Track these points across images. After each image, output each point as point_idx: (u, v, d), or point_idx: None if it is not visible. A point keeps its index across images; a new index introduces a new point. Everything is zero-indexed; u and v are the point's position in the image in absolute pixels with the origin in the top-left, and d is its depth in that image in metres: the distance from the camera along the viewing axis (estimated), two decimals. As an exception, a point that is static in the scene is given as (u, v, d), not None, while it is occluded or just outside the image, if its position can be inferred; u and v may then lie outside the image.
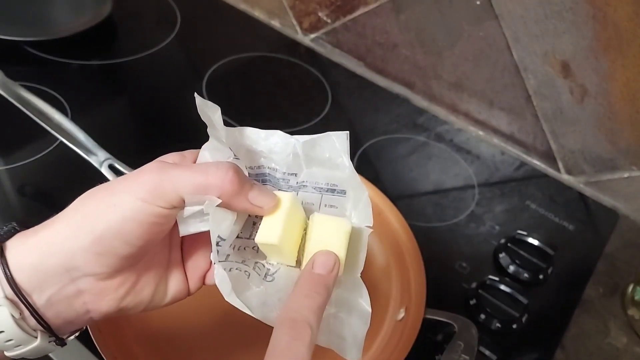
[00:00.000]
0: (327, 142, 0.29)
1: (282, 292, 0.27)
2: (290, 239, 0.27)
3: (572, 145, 0.61)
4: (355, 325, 0.27)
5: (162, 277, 0.29)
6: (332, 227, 0.27)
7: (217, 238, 0.26)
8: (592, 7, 0.52)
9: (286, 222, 0.27)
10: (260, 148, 0.29)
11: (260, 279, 0.28)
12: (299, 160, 0.29)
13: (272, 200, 0.27)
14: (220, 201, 0.25)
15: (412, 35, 0.65)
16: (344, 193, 0.29)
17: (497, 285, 0.46)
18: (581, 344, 0.47)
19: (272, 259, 0.29)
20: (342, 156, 0.29)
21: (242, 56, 0.69)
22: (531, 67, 0.59)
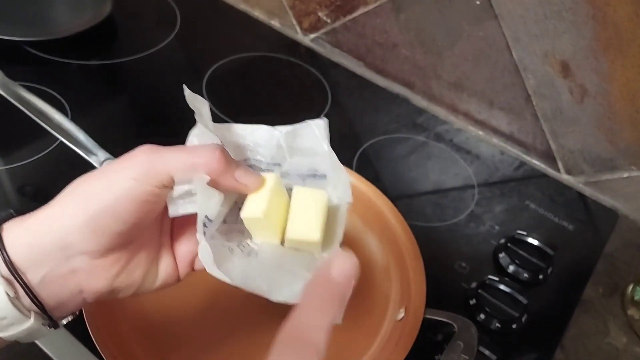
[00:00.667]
0: (307, 131, 0.31)
1: (265, 267, 0.29)
2: (274, 215, 0.29)
3: (571, 145, 0.61)
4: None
5: (153, 260, 0.30)
6: (311, 197, 0.29)
7: (205, 219, 0.27)
8: (591, 7, 0.52)
9: (271, 199, 0.28)
10: (246, 142, 0.31)
11: (243, 255, 0.29)
12: (283, 151, 0.31)
13: (258, 179, 0.29)
14: (209, 178, 0.27)
15: (412, 35, 0.65)
16: (325, 177, 0.31)
17: (496, 285, 0.46)
18: (581, 344, 0.47)
19: (258, 238, 0.30)
20: (321, 143, 0.30)
21: (242, 56, 0.69)
22: (531, 67, 0.59)
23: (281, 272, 0.28)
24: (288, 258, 0.30)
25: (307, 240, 0.29)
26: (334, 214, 0.30)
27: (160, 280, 0.30)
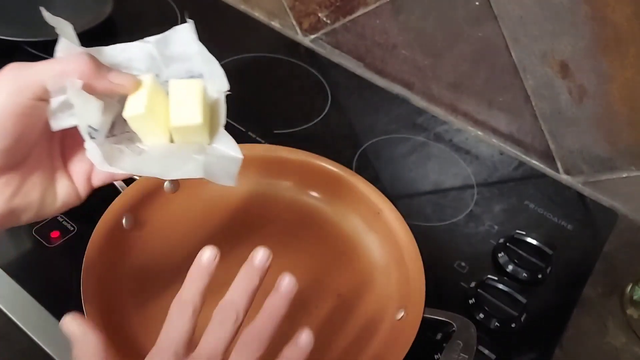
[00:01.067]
0: (176, 37, 0.31)
1: (156, 162, 0.30)
2: (157, 112, 0.29)
3: (570, 145, 0.61)
4: (227, 165, 0.30)
5: (49, 181, 0.31)
6: (187, 86, 0.30)
7: (89, 128, 0.28)
8: (590, 8, 0.52)
9: (150, 96, 0.29)
10: (119, 60, 0.31)
11: (134, 155, 0.30)
12: (157, 62, 0.31)
13: (133, 78, 0.29)
14: (82, 82, 0.27)
15: (412, 36, 0.65)
16: (202, 75, 0.32)
17: (496, 285, 0.46)
18: (580, 344, 0.48)
19: (147, 139, 0.31)
20: (191, 44, 0.31)
21: (242, 57, 0.69)
22: (530, 67, 0.59)
23: (172, 158, 0.30)
24: (178, 148, 0.31)
25: (190, 124, 0.29)
26: (215, 106, 0.31)
27: (61, 200, 0.31)
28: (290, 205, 0.50)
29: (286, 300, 0.30)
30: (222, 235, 0.47)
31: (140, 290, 0.42)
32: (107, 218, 0.42)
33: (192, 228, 0.47)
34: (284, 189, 0.51)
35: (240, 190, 0.50)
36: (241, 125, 0.60)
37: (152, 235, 0.45)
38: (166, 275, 0.43)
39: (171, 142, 0.31)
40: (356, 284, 0.46)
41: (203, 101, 0.30)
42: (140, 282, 0.42)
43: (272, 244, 0.47)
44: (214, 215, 0.48)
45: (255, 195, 0.50)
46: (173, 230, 0.46)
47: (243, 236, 0.47)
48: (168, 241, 0.45)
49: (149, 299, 0.41)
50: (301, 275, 0.45)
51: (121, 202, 0.44)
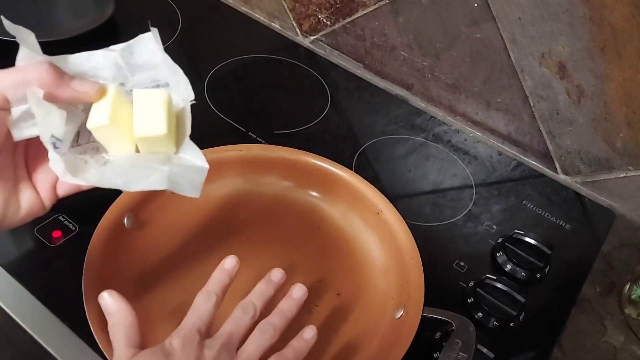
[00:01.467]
0: (141, 46, 0.31)
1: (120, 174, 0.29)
2: (122, 123, 0.29)
3: (568, 146, 0.62)
4: (192, 176, 0.30)
5: (12, 191, 0.30)
6: (150, 96, 0.29)
7: (52, 138, 0.27)
8: (588, 9, 0.52)
9: (114, 106, 0.28)
10: (84, 69, 0.30)
11: (98, 165, 0.30)
12: (123, 71, 0.31)
13: (96, 85, 0.29)
14: (43, 92, 0.27)
15: (411, 37, 0.66)
16: (167, 85, 0.31)
17: (494, 284, 0.46)
18: (578, 342, 0.48)
19: (112, 149, 0.30)
20: (156, 53, 0.31)
21: (242, 58, 0.70)
22: (528, 68, 0.59)
23: (136, 169, 0.29)
24: (143, 159, 0.30)
25: (154, 134, 0.29)
26: (182, 116, 0.31)
27: (25, 210, 0.30)
28: (290, 205, 0.51)
29: (297, 304, 0.36)
30: (223, 235, 0.47)
31: (141, 289, 0.42)
32: (108, 218, 0.43)
33: (192, 228, 0.47)
34: (284, 189, 0.51)
35: (240, 191, 0.51)
36: (241, 125, 0.60)
37: (153, 234, 0.45)
38: (167, 274, 0.43)
39: (137, 152, 0.31)
40: (356, 284, 0.46)
41: (168, 111, 0.29)
42: (141, 281, 0.42)
43: (272, 243, 0.48)
44: (214, 215, 0.48)
45: (255, 195, 0.51)
46: (174, 229, 0.46)
47: (243, 236, 0.48)
48: (169, 241, 0.46)
49: (150, 298, 0.41)
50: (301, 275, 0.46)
51: (122, 202, 0.44)
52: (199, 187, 0.30)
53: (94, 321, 0.36)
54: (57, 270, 0.43)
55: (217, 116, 0.60)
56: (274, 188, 0.51)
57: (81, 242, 0.41)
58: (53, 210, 0.46)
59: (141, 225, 0.45)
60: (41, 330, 0.40)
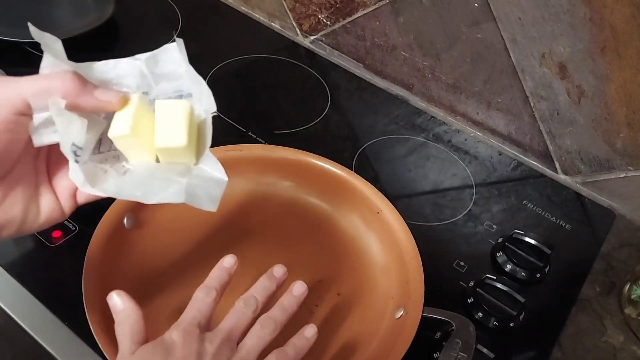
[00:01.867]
0: (166, 56, 0.31)
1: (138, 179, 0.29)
2: (144, 133, 0.29)
3: (568, 146, 0.62)
4: (211, 188, 0.30)
5: (32, 197, 0.30)
6: (173, 107, 0.30)
7: (73, 147, 0.28)
8: (589, 9, 0.52)
9: (136, 116, 0.29)
10: (110, 77, 0.31)
11: (118, 175, 0.30)
12: (147, 79, 0.31)
13: (119, 94, 0.29)
14: (65, 102, 0.27)
15: (411, 37, 0.66)
16: (190, 95, 0.31)
17: (494, 284, 0.46)
18: (578, 342, 0.48)
19: (132, 158, 0.30)
20: (181, 64, 0.31)
21: (242, 58, 0.70)
22: (528, 68, 0.59)
23: (155, 180, 0.29)
24: (162, 169, 0.30)
25: (175, 145, 0.29)
26: (203, 127, 0.31)
27: (44, 216, 0.30)
28: (290, 205, 0.51)
29: (298, 300, 0.36)
30: (223, 234, 0.47)
31: (141, 289, 0.42)
32: (108, 218, 0.43)
33: (192, 228, 0.47)
34: (284, 189, 0.51)
35: (241, 191, 0.51)
36: (241, 125, 0.60)
37: (153, 234, 0.45)
38: (167, 274, 0.43)
39: (157, 162, 0.31)
40: (356, 283, 0.46)
41: (189, 122, 0.30)
42: (141, 281, 0.42)
43: (272, 243, 0.48)
44: (214, 215, 0.48)
45: (256, 195, 0.51)
46: (174, 229, 0.46)
47: (243, 236, 0.48)
48: (169, 241, 0.46)
49: (149, 298, 0.42)
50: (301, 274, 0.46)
51: (122, 202, 0.44)
52: (216, 200, 0.29)
53: (94, 321, 0.36)
54: (57, 270, 0.43)
55: (217, 116, 0.60)
56: (274, 188, 0.51)
57: (81, 242, 0.41)
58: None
59: (141, 225, 0.45)
60: (41, 330, 0.40)
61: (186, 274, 0.44)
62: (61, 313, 0.40)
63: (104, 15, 0.66)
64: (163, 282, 0.43)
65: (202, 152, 0.31)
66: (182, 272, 0.44)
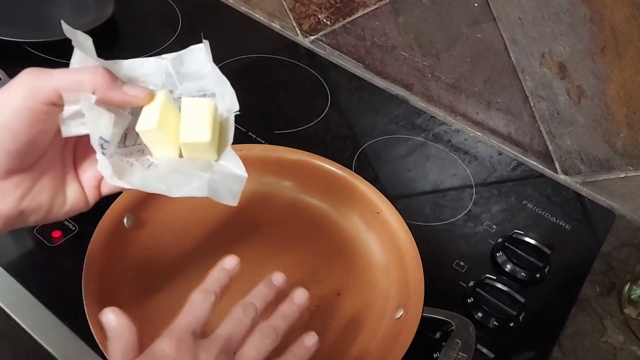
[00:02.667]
0: (192, 56, 0.32)
1: (163, 173, 0.31)
2: (169, 128, 0.31)
3: (568, 146, 0.62)
4: (231, 184, 0.31)
5: (59, 185, 0.31)
6: (198, 104, 0.31)
7: (100, 140, 0.29)
8: (589, 9, 0.52)
9: (163, 111, 0.30)
10: (137, 74, 0.32)
11: (143, 168, 0.31)
12: (172, 79, 0.32)
13: (147, 90, 0.30)
14: (95, 97, 0.28)
15: (411, 37, 0.66)
16: (214, 95, 0.33)
17: (494, 284, 0.46)
18: (578, 342, 0.48)
19: (157, 152, 0.32)
20: (206, 64, 0.32)
21: (242, 57, 0.70)
22: (528, 68, 0.59)
23: (179, 175, 0.31)
24: (185, 164, 0.31)
25: (198, 141, 0.30)
26: (225, 125, 0.32)
27: (69, 204, 0.32)
28: (290, 205, 0.51)
29: (300, 309, 0.34)
30: (223, 234, 0.47)
31: (141, 289, 0.42)
32: (108, 218, 0.43)
33: (192, 228, 0.47)
34: (284, 189, 0.51)
35: (241, 190, 0.51)
36: (241, 125, 0.60)
37: (152, 235, 0.45)
38: (167, 274, 0.43)
39: (180, 157, 0.32)
40: (356, 284, 0.46)
41: (213, 120, 0.31)
42: (141, 282, 0.42)
43: (272, 243, 0.48)
44: (214, 215, 0.48)
45: (255, 195, 0.51)
46: (173, 230, 0.46)
47: (243, 236, 0.48)
48: (168, 241, 0.46)
49: (149, 298, 0.42)
50: (301, 275, 0.46)
51: (122, 202, 0.44)
52: (237, 195, 0.30)
53: (93, 321, 0.36)
54: (57, 270, 0.43)
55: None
56: (274, 188, 0.51)
57: (81, 242, 0.41)
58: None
59: (141, 225, 0.45)
60: (41, 330, 0.40)
61: (186, 274, 0.44)
62: (61, 313, 0.40)
63: (104, 15, 0.66)
64: (163, 282, 0.43)
65: (224, 149, 0.32)
66: (182, 272, 0.44)
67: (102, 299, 0.38)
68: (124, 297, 0.41)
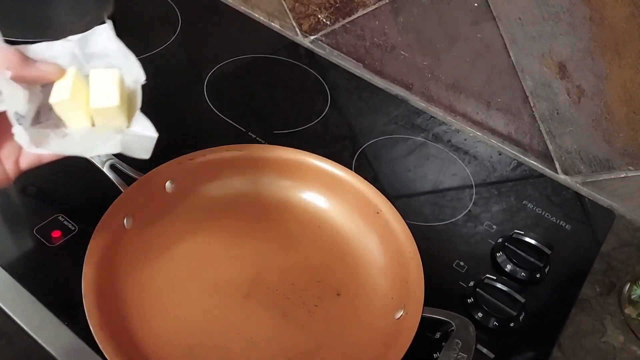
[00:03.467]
0: (96, 36, 0.34)
1: (79, 143, 0.33)
2: (80, 99, 0.32)
3: (568, 146, 0.62)
4: (144, 143, 0.33)
5: None
6: (105, 74, 0.33)
7: (16, 115, 0.31)
8: (588, 9, 0.52)
9: (74, 84, 0.32)
10: (44, 57, 0.33)
11: (58, 137, 0.33)
12: (79, 59, 0.34)
13: (58, 66, 0.32)
14: (10, 73, 0.30)
15: (411, 37, 0.66)
16: (121, 68, 0.34)
17: (494, 284, 0.46)
18: (578, 343, 0.48)
19: (70, 123, 0.33)
20: (110, 41, 0.34)
21: (242, 57, 0.70)
22: (528, 68, 0.59)
23: (93, 138, 0.33)
24: (98, 130, 0.33)
25: (108, 106, 0.32)
26: (133, 95, 0.34)
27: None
28: (290, 205, 0.51)
29: None
30: (222, 235, 0.47)
31: (140, 289, 0.42)
32: (108, 218, 0.43)
33: (192, 228, 0.47)
34: (283, 189, 0.51)
35: (240, 190, 0.51)
36: (241, 125, 0.60)
37: (153, 234, 0.45)
38: (167, 274, 0.43)
39: (93, 126, 0.34)
40: (356, 283, 0.46)
41: (120, 88, 0.33)
42: (140, 282, 0.42)
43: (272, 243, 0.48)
44: (214, 216, 0.48)
45: (255, 195, 0.51)
46: (174, 230, 0.46)
47: (243, 236, 0.48)
48: (168, 241, 0.46)
49: (150, 298, 0.42)
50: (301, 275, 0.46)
51: (122, 202, 0.44)
52: (149, 150, 0.32)
53: (93, 321, 0.36)
54: (56, 270, 0.43)
55: (217, 116, 0.60)
56: (274, 188, 0.51)
57: (81, 242, 0.41)
58: (53, 210, 0.46)
59: (141, 225, 0.45)
60: (41, 330, 0.40)
61: (186, 275, 0.44)
62: (61, 313, 0.40)
63: (103, 15, 0.66)
64: (162, 282, 0.43)
65: (133, 115, 0.33)
66: (182, 273, 0.44)
67: (101, 298, 0.38)
68: (124, 296, 0.41)
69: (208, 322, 0.41)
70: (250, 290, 0.44)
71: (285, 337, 0.42)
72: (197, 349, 0.40)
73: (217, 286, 0.44)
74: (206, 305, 0.42)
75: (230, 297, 0.43)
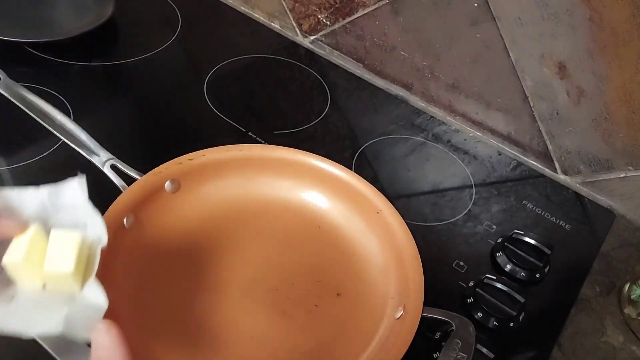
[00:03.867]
0: (68, 189, 0.34)
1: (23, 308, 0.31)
2: (35, 260, 0.31)
3: (568, 146, 0.62)
4: (91, 314, 0.31)
5: None
6: (65, 236, 0.32)
7: None
8: (588, 9, 0.52)
9: (31, 244, 0.31)
10: (14, 205, 0.33)
11: (4, 302, 0.31)
12: (47, 210, 0.34)
13: (18, 224, 0.31)
14: None
15: (411, 37, 0.66)
16: (86, 226, 0.34)
17: (494, 284, 0.46)
18: (578, 342, 0.48)
19: (22, 283, 0.32)
20: (80, 197, 0.34)
21: (242, 58, 0.70)
22: (528, 68, 0.59)
23: (38, 309, 0.31)
24: (48, 297, 0.32)
25: (61, 271, 0.31)
26: (92, 258, 0.33)
27: None
28: (289, 205, 0.51)
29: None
30: (222, 235, 0.47)
31: (140, 289, 0.42)
32: (108, 218, 0.43)
33: (192, 228, 0.47)
34: (283, 189, 0.51)
35: (240, 191, 0.51)
36: (241, 125, 0.60)
37: (152, 235, 0.45)
38: (167, 274, 0.43)
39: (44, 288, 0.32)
40: (355, 283, 0.46)
41: (79, 251, 0.32)
42: (140, 282, 0.42)
43: (272, 243, 0.48)
44: (214, 215, 0.48)
45: (255, 195, 0.51)
46: (174, 230, 0.46)
47: (243, 236, 0.48)
48: (169, 241, 0.46)
49: (149, 298, 0.42)
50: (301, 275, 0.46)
51: (122, 202, 0.44)
52: (91, 329, 0.31)
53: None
54: (57, 270, 0.43)
55: (217, 116, 0.60)
56: (274, 188, 0.51)
57: (81, 242, 0.41)
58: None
59: (141, 225, 0.45)
60: (41, 330, 0.40)
61: (186, 275, 0.44)
62: (61, 313, 0.40)
63: (103, 15, 0.66)
64: (163, 283, 0.43)
65: (88, 279, 0.32)
66: (182, 273, 0.44)
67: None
68: (124, 297, 0.41)
69: (208, 322, 0.41)
70: (250, 290, 0.44)
71: (285, 337, 0.42)
72: (197, 349, 0.40)
73: (217, 286, 0.44)
74: (206, 305, 0.42)
75: (230, 297, 0.43)
